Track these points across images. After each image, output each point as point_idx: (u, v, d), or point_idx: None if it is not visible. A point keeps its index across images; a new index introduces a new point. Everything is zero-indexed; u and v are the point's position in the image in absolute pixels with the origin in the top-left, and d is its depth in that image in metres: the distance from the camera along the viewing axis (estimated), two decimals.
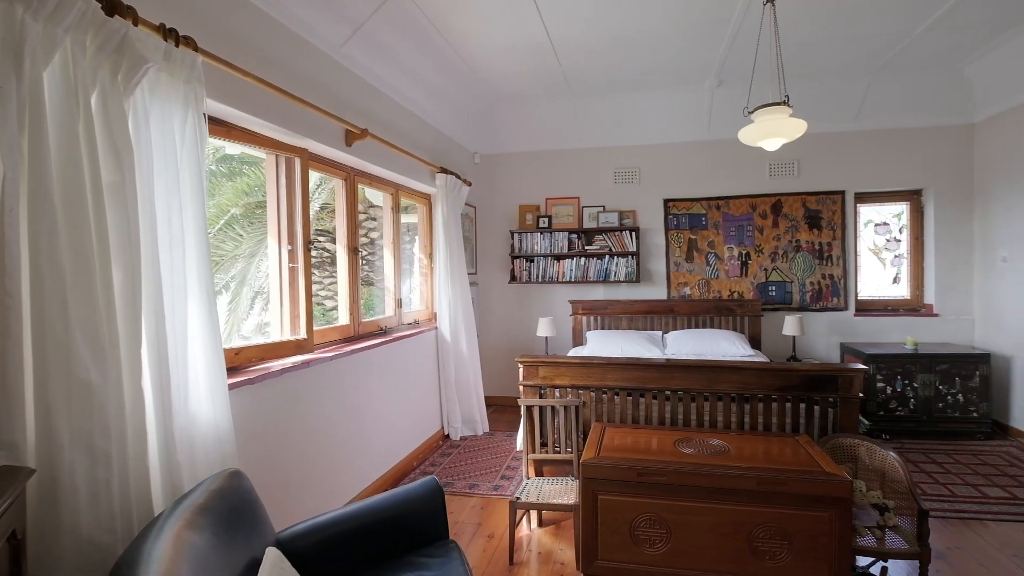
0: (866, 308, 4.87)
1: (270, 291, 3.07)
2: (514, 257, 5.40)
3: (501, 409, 5.48)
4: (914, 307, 4.82)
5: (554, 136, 5.31)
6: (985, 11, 3.33)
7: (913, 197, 4.83)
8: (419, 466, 4.03)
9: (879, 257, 4.94)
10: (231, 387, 2.20)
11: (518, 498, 2.76)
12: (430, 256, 4.85)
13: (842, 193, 4.78)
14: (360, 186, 3.79)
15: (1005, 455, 3.81)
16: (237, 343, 2.65)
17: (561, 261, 5.28)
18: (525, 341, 5.52)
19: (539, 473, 3.18)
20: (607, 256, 5.15)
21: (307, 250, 3.07)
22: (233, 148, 3.26)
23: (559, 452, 3.07)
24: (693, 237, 5.09)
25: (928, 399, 4.15)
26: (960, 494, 3.26)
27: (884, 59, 4.01)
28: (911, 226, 4.85)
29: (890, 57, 3.96)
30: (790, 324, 4.55)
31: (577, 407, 3.02)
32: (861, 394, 2.71)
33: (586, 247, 5.23)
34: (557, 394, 3.14)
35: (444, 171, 4.51)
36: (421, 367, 4.31)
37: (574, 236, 5.28)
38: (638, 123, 5.04)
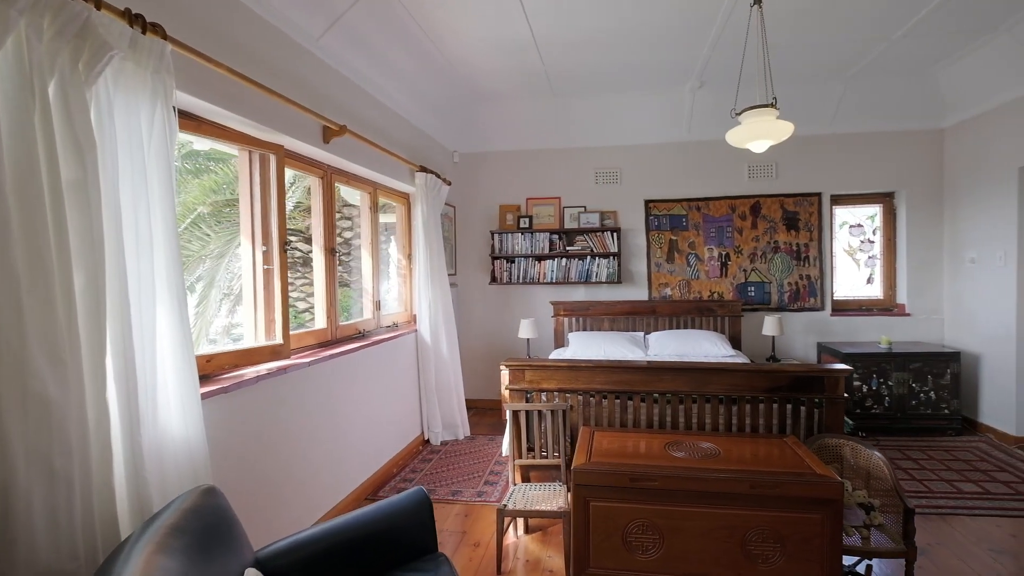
0: (842, 308, 4.96)
1: (243, 294, 2.93)
2: (495, 258, 5.33)
3: (482, 412, 5.40)
4: (887, 307, 4.94)
5: (535, 136, 5.26)
6: (957, 19, 3.40)
7: (886, 199, 4.94)
8: (399, 473, 3.92)
9: (854, 258, 5.04)
10: (204, 397, 2.07)
11: (505, 506, 2.69)
12: (409, 257, 4.75)
13: (819, 195, 4.86)
14: (336, 184, 3.67)
15: (975, 450, 3.91)
16: (208, 349, 2.51)
17: (542, 262, 5.23)
18: (506, 343, 5.46)
19: (525, 479, 3.12)
20: (589, 257, 5.13)
21: (283, 251, 2.94)
22: (201, 143, 3.11)
23: (546, 457, 3.01)
24: (674, 238, 5.10)
25: (902, 397, 4.24)
26: (936, 490, 3.33)
27: (860, 64, 4.08)
28: (884, 228, 4.96)
29: (866, 62, 4.03)
30: (769, 324, 4.59)
31: (564, 411, 2.97)
32: (846, 394, 2.73)
33: (567, 248, 5.19)
34: (544, 398, 3.08)
35: (424, 170, 4.41)
36: (401, 371, 4.21)
37: (555, 237, 5.23)
38: (619, 124, 5.02)
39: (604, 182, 5.24)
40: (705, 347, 4.38)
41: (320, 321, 3.50)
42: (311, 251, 4.57)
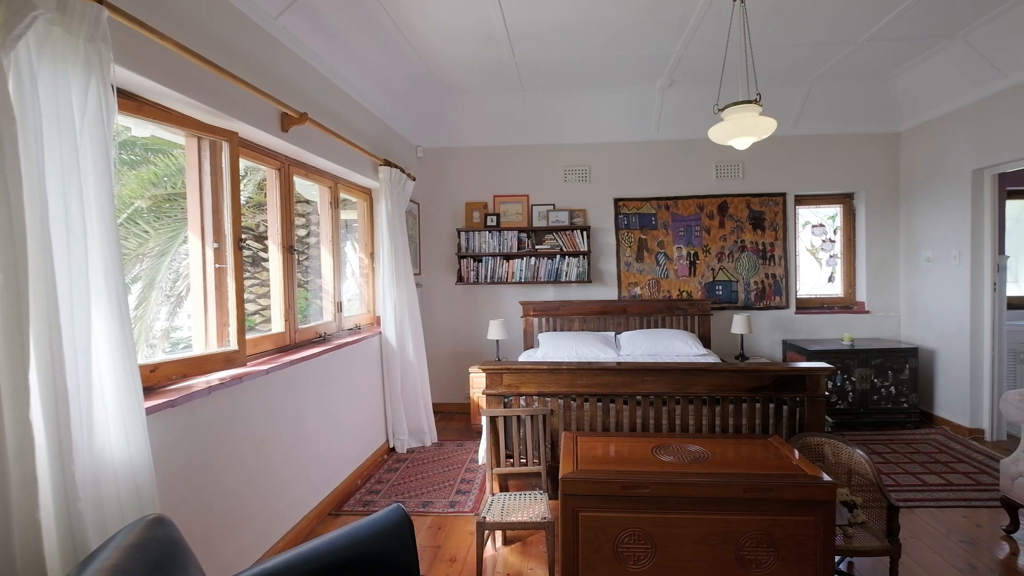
0: (805, 306, 5.07)
1: (191, 296, 2.65)
2: (461, 257, 5.15)
3: (448, 417, 5.21)
4: (847, 304, 5.08)
5: (503, 131, 5.12)
6: (916, 25, 3.49)
7: (846, 200, 5.08)
8: (364, 484, 3.70)
9: (816, 257, 5.16)
10: (149, 412, 1.83)
11: (485, 518, 2.53)
12: (371, 256, 4.52)
13: (783, 195, 4.94)
14: (293, 178, 3.41)
15: (934, 443, 4.05)
16: (152, 357, 2.24)
17: (511, 261, 5.10)
18: (473, 345, 5.29)
19: (504, 488, 2.97)
20: (558, 256, 5.03)
21: (238, 248, 2.68)
22: (141, 129, 2.79)
23: (526, 464, 2.88)
24: (643, 237, 5.07)
25: (864, 392, 4.35)
26: (903, 483, 3.40)
27: (825, 67, 4.15)
28: (844, 228, 5.10)
29: (830, 65, 4.10)
30: (738, 323, 4.62)
31: (545, 416, 2.84)
32: (827, 392, 2.72)
33: (536, 247, 5.08)
34: (523, 403, 2.94)
35: (388, 164, 4.20)
36: (365, 376, 3.98)
37: (524, 235, 5.11)
38: (589, 121, 4.95)
39: (573, 180, 5.16)
40: (677, 346, 4.36)
41: (278, 325, 3.24)
42: (262, 250, 4.26)
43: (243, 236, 2.72)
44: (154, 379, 2.14)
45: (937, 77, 4.07)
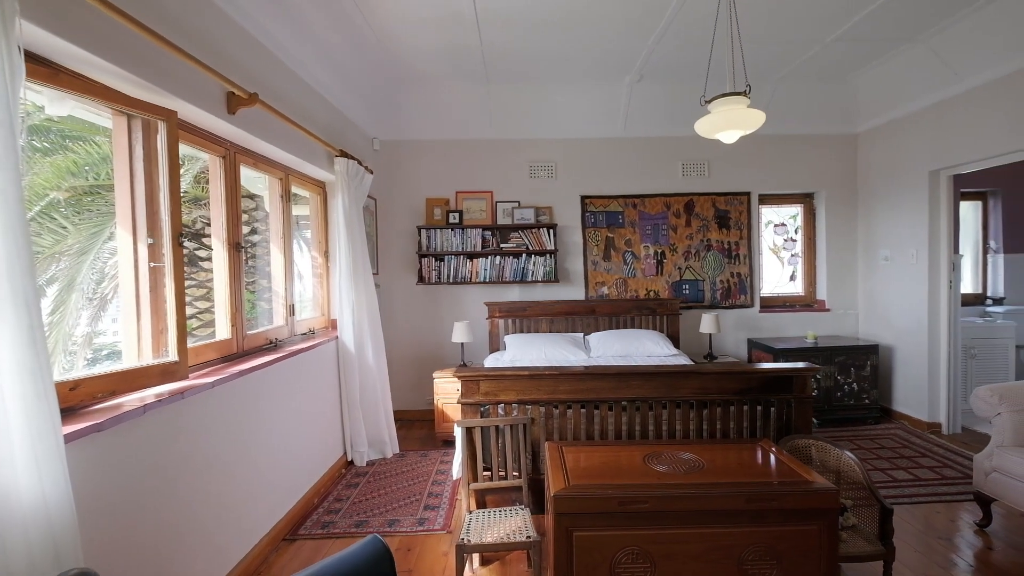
0: (768, 305, 5.12)
1: (121, 300, 2.28)
2: (422, 256, 4.88)
3: (409, 425, 4.93)
4: (808, 303, 5.16)
5: (466, 124, 4.89)
6: (881, 27, 3.54)
7: (806, 200, 5.17)
8: (321, 503, 3.38)
9: (778, 256, 5.22)
10: (69, 439, 1.51)
11: (465, 540, 2.31)
12: (325, 255, 4.18)
13: (748, 194, 4.97)
14: (240, 167, 3.06)
15: (895, 437, 4.14)
16: (69, 372, 1.89)
17: (474, 260, 4.87)
18: (435, 348, 5.03)
19: (481, 504, 2.75)
20: (524, 255, 4.85)
21: (178, 245, 2.34)
22: (57, 108, 2.38)
23: (505, 478, 2.67)
24: (611, 235, 4.97)
25: (829, 389, 4.41)
26: (875, 480, 3.42)
27: (791, 66, 4.17)
28: (805, 227, 5.18)
29: (796, 64, 4.12)
30: (706, 322, 4.59)
31: (525, 425, 2.65)
32: (814, 392, 2.66)
33: (501, 245, 4.88)
34: (501, 411, 2.73)
35: (345, 155, 3.89)
36: (320, 385, 3.65)
37: (488, 233, 4.90)
38: (555, 116, 4.80)
39: (539, 176, 4.99)
40: (648, 347, 4.27)
41: (223, 331, 2.89)
42: (197, 248, 3.83)
43: (183, 232, 2.37)
44: (75, 398, 1.79)
45: (896, 80, 4.17)
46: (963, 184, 4.38)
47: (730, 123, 2.49)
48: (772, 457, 2.35)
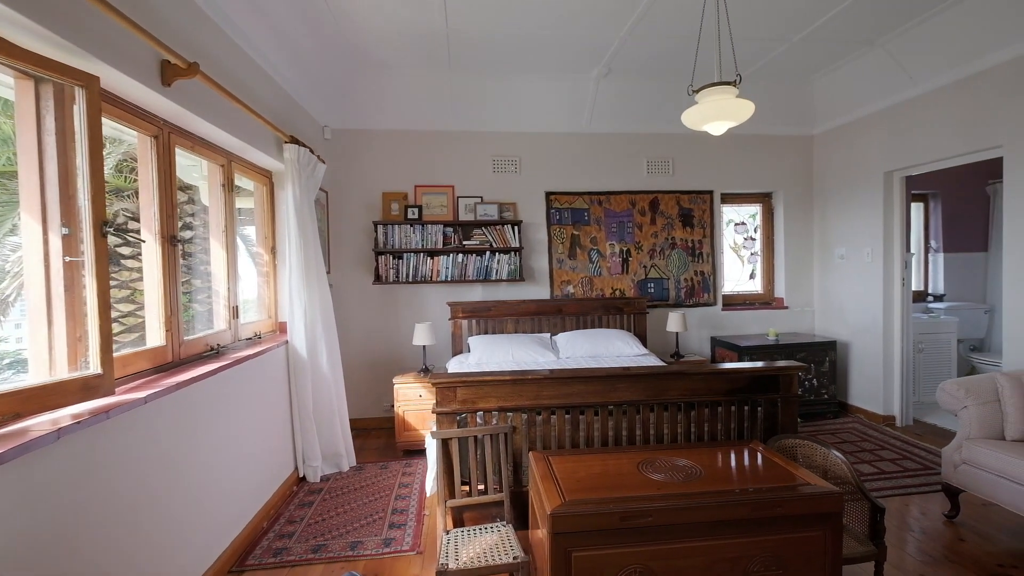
0: (729, 303, 5.15)
1: (28, 301, 1.90)
2: (379, 253, 4.57)
3: (365, 434, 4.60)
4: (767, 301, 5.24)
5: (426, 114, 4.62)
6: (844, 29, 3.59)
7: (765, 199, 5.25)
8: (272, 527, 3.03)
9: (738, 255, 5.28)
10: None
11: (446, 565, 2.08)
12: (272, 252, 3.81)
13: (711, 193, 4.98)
14: (176, 150, 2.68)
15: (854, 431, 4.24)
16: None
17: (435, 258, 4.61)
18: (393, 352, 4.73)
19: (458, 522, 2.52)
20: (488, 252, 4.63)
21: (100, 235, 1.97)
22: None
23: (484, 492, 2.45)
24: (576, 233, 4.85)
25: None
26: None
27: (756, 66, 4.18)
28: (764, 226, 5.26)
29: (761, 64, 4.14)
30: (673, 321, 4.55)
31: (507, 434, 2.44)
32: (800, 391, 2.62)
33: (464, 242, 4.64)
34: (479, 420, 2.52)
35: (295, 142, 3.55)
36: (268, 395, 3.30)
37: (450, 230, 4.65)
38: (520, 108, 4.62)
39: (503, 171, 4.80)
40: (617, 346, 4.17)
41: (155, 337, 2.51)
42: (121, 244, 3.38)
43: (108, 220, 2.00)
44: None
45: (853, 83, 4.28)
46: (914, 186, 4.55)
47: (719, 114, 2.40)
48: (768, 460, 2.26)
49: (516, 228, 4.65)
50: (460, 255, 4.62)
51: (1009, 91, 3.27)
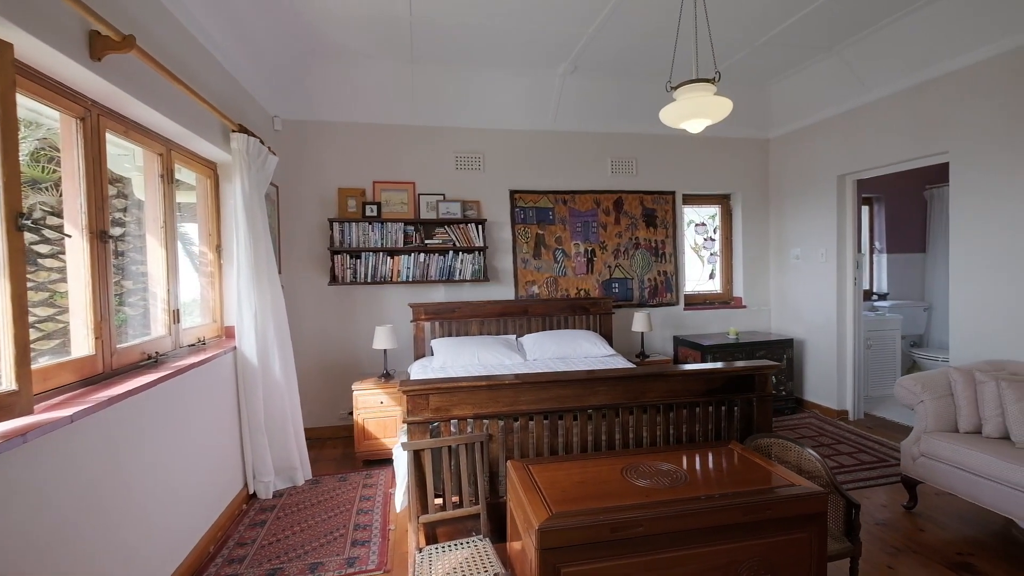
0: (690, 302, 5.21)
1: None
2: (335, 252, 4.32)
3: (320, 444, 4.34)
4: (726, 300, 5.34)
5: (386, 107, 4.41)
6: (806, 34, 3.67)
7: (724, 201, 5.34)
8: (220, 551, 2.77)
9: (699, 255, 5.34)
10: None
11: None
12: (217, 250, 3.52)
13: (673, 193, 5.01)
14: (106, 134, 2.39)
15: (811, 426, 4.36)
16: None
17: (396, 257, 4.41)
18: (350, 356, 4.49)
19: (431, 538, 2.36)
20: (451, 252, 4.47)
21: (15, 229, 1.70)
22: None
23: (460, 505, 2.31)
24: (541, 232, 4.76)
25: None
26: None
27: (719, 67, 4.22)
28: (722, 227, 5.35)
29: (723, 67, 4.18)
30: (639, 321, 4.54)
31: (483, 443, 2.31)
32: (774, 391, 2.62)
33: (426, 241, 4.46)
34: (453, 429, 2.37)
35: (244, 131, 3.28)
36: (214, 406, 3.02)
37: (411, 228, 4.46)
38: (484, 104, 4.49)
39: (465, 168, 4.65)
40: (585, 347, 4.11)
41: (82, 345, 2.22)
42: (37, 242, 3.02)
43: (24, 212, 1.73)
44: None
45: (809, 88, 4.40)
46: (863, 190, 4.74)
47: (698, 111, 2.36)
48: (749, 461, 2.24)
49: (480, 227, 4.52)
50: (422, 254, 4.44)
51: (956, 99, 3.43)
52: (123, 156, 2.90)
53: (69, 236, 2.17)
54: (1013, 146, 3.13)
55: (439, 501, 2.32)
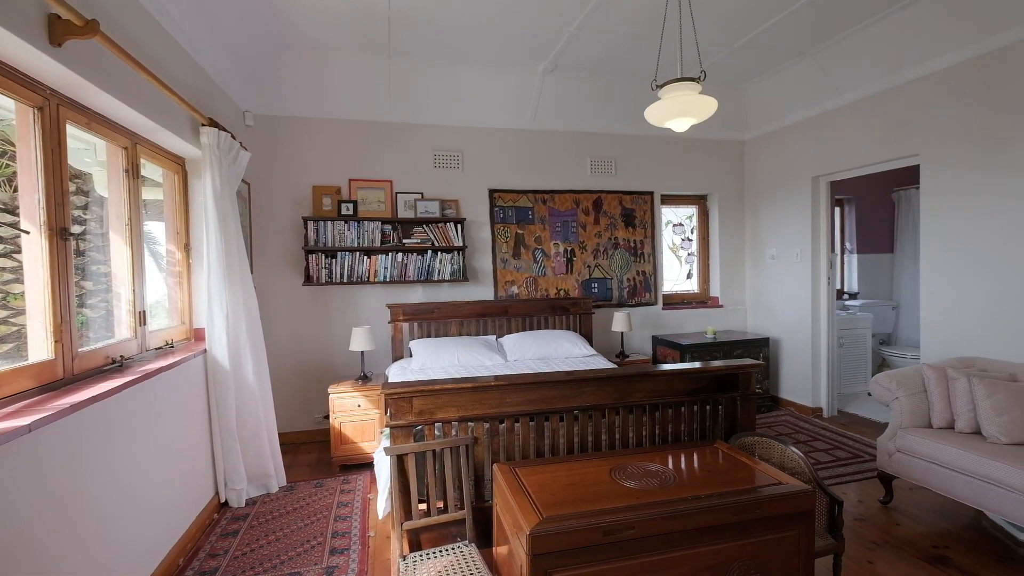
0: (669, 302, 5.24)
1: None
2: (309, 251, 4.20)
3: (295, 449, 4.21)
4: (703, 300, 5.39)
5: (362, 103, 4.31)
6: (782, 37, 3.73)
7: (701, 201, 5.39)
8: (190, 563, 2.65)
9: (676, 255, 5.38)
10: None
11: None
12: (186, 249, 3.37)
13: (651, 194, 5.04)
14: (67, 126, 2.25)
15: (787, 424, 4.43)
16: None
17: (373, 257, 4.31)
18: (325, 358, 4.37)
19: (415, 545, 2.29)
20: (429, 251, 4.40)
21: None
22: None
23: (444, 511, 2.25)
24: (520, 232, 4.72)
25: None
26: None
27: (695, 71, 4.24)
28: (700, 227, 5.41)
29: (700, 69, 4.21)
30: (619, 320, 4.54)
31: (468, 446, 2.26)
32: (758, 389, 2.63)
33: (404, 240, 4.38)
34: (438, 432, 2.31)
35: (215, 125, 3.15)
36: (183, 412, 2.89)
37: (388, 227, 4.37)
38: (463, 101, 4.43)
39: (444, 166, 4.58)
40: (566, 347, 4.09)
41: (40, 350, 2.08)
42: None
43: None
44: None
45: (784, 91, 4.48)
46: (835, 192, 4.84)
47: (683, 110, 2.35)
48: (735, 460, 2.24)
49: (459, 226, 4.45)
50: (400, 254, 4.35)
51: (927, 103, 3.53)
52: (83, 150, 2.74)
53: (27, 232, 2.04)
54: (979, 149, 3.23)
55: (423, 506, 2.25)
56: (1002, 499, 2.43)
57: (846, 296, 5.85)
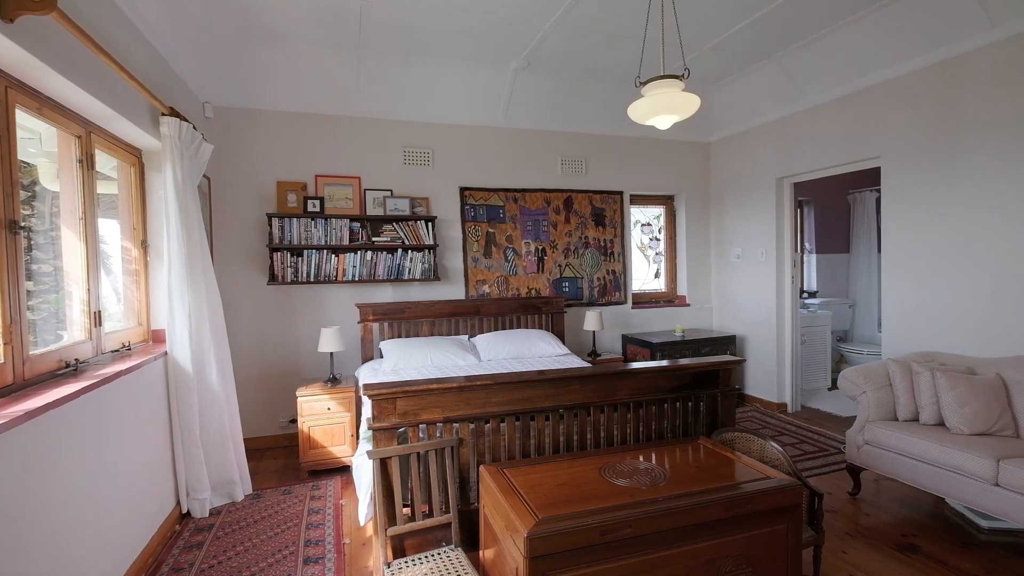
0: (638, 301, 5.31)
1: None
2: (274, 249, 4.03)
3: (259, 455, 4.04)
4: (671, 298, 5.48)
5: (330, 97, 4.17)
6: (750, 40, 3.82)
7: (668, 201, 5.49)
8: None
9: (644, 254, 5.45)
10: None
11: None
12: (143, 245, 3.18)
13: (621, 193, 5.09)
14: (16, 110, 2.06)
15: (754, 419, 4.55)
16: None
17: (341, 255, 4.17)
18: (290, 361, 4.20)
19: (399, 551, 2.22)
20: (400, 250, 4.29)
21: None
22: None
23: (429, 515, 2.18)
24: (491, 230, 4.67)
25: None
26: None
27: (664, 72, 4.31)
28: (667, 227, 5.49)
29: (671, 70, 4.28)
30: (591, 319, 4.56)
31: (454, 447, 2.20)
32: (737, 385, 2.68)
33: (373, 239, 4.26)
34: (422, 435, 2.24)
35: (176, 114, 2.98)
36: (142, 419, 2.71)
37: (356, 225, 4.24)
38: (434, 97, 4.35)
39: (414, 163, 4.49)
40: (540, 347, 4.07)
41: None
42: None
43: None
44: None
45: (749, 94, 4.60)
46: (799, 193, 5.01)
47: (667, 107, 2.37)
48: (720, 455, 2.27)
49: (430, 224, 4.37)
50: (369, 252, 4.24)
51: (888, 107, 3.69)
52: (28, 140, 2.53)
53: None
54: (937, 152, 3.40)
55: (407, 511, 2.18)
56: (964, 487, 2.55)
57: (806, 295, 6.07)
